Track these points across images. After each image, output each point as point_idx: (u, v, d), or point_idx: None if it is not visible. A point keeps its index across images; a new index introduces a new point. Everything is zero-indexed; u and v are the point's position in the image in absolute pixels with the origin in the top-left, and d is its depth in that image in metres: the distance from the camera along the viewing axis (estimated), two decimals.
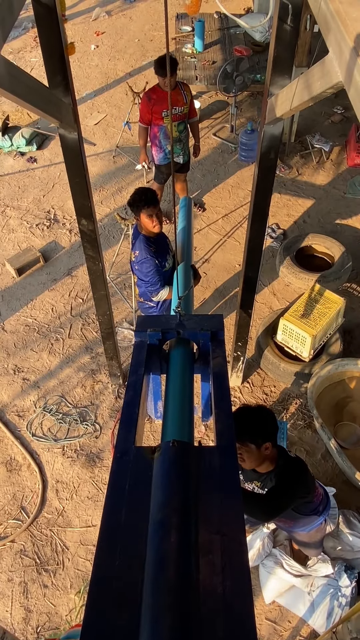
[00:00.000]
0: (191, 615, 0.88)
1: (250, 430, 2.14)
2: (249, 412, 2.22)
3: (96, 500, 3.45)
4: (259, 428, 2.17)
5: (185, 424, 1.37)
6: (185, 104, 4.32)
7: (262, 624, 2.95)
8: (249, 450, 2.16)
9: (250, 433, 2.14)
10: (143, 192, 3.08)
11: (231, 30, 6.65)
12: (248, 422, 2.15)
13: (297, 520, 2.52)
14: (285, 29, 2.02)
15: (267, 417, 2.22)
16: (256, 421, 2.17)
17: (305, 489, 2.36)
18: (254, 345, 4.14)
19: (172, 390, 1.51)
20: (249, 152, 5.62)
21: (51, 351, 4.27)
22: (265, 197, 2.67)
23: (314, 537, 2.75)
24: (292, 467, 2.30)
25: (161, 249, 3.23)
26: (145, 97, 4.29)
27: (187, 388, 1.54)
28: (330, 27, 1.20)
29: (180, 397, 1.47)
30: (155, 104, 4.21)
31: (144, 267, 3.15)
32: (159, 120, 4.28)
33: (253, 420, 2.17)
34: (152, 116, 4.28)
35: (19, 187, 5.74)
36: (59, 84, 2.14)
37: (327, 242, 4.62)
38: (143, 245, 3.13)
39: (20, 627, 3.00)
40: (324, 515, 2.60)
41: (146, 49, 7.63)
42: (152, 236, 3.18)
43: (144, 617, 0.88)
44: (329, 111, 6.38)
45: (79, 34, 8.01)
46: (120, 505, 1.09)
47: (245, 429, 2.13)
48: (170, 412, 1.41)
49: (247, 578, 0.96)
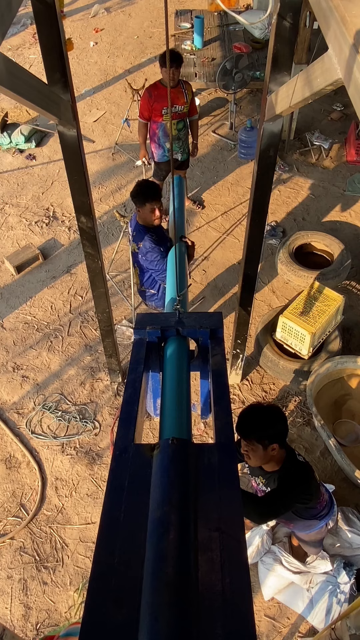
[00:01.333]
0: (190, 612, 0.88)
1: (258, 429, 2.09)
2: (260, 411, 2.15)
3: (95, 498, 3.46)
4: (267, 428, 2.10)
5: (183, 421, 1.37)
6: (186, 103, 4.31)
7: (261, 621, 2.96)
8: (255, 449, 2.12)
9: (257, 432, 2.09)
10: (148, 185, 3.12)
11: (230, 27, 6.64)
12: (257, 421, 2.10)
13: (296, 522, 2.50)
14: (284, 26, 2.01)
15: (277, 417, 2.14)
16: (265, 421, 2.11)
17: (306, 496, 2.29)
18: (253, 343, 4.14)
19: (169, 388, 1.51)
20: (248, 150, 5.61)
21: (50, 349, 4.27)
22: (265, 194, 2.67)
23: (313, 537, 2.75)
24: (296, 472, 2.24)
25: (161, 236, 3.28)
26: (146, 93, 4.28)
27: (185, 385, 1.54)
28: (330, 23, 1.20)
29: (177, 394, 1.47)
30: (155, 101, 4.20)
31: (150, 257, 3.20)
32: (158, 117, 4.28)
33: (262, 420, 2.11)
34: (152, 113, 4.27)
35: (18, 184, 5.73)
36: (57, 81, 2.14)
37: (327, 240, 4.61)
38: (146, 236, 3.19)
39: (19, 624, 3.00)
40: (326, 519, 2.55)
41: (145, 46, 7.61)
42: (151, 227, 3.24)
43: (143, 614, 0.88)
44: (328, 108, 6.37)
45: (78, 30, 7.99)
46: (120, 502, 1.09)
47: (253, 428, 2.09)
48: (167, 409, 1.41)
49: (246, 575, 0.96)
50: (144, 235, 3.20)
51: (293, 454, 2.29)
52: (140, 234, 3.23)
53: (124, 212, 5.01)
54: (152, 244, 3.17)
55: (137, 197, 3.11)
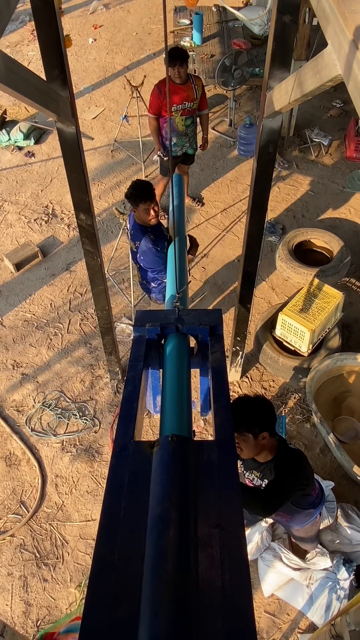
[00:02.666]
0: (190, 608, 0.89)
1: (246, 419, 2.15)
2: (247, 401, 2.23)
3: (95, 495, 3.46)
4: (256, 417, 2.16)
5: (183, 419, 1.37)
6: (195, 99, 4.29)
7: (261, 617, 2.96)
8: (246, 439, 2.17)
9: (246, 422, 2.14)
10: (141, 185, 3.11)
11: (230, 23, 6.61)
12: (245, 412, 2.15)
13: (294, 514, 2.53)
14: (284, 22, 2.01)
15: (264, 406, 2.21)
16: (253, 411, 2.17)
17: (304, 480, 2.36)
18: (252, 340, 4.14)
19: (169, 385, 1.51)
20: (247, 146, 5.60)
21: (50, 346, 4.27)
22: (264, 191, 2.66)
23: (309, 531, 2.78)
24: (291, 458, 2.29)
25: (159, 235, 3.28)
26: (156, 88, 4.27)
27: (185, 382, 1.54)
28: (329, 19, 1.19)
29: (177, 392, 1.47)
30: (165, 97, 4.18)
31: (148, 257, 3.21)
32: (166, 112, 4.27)
33: (250, 410, 2.17)
34: (162, 109, 4.26)
35: (17, 181, 5.72)
36: (56, 78, 2.13)
37: (326, 237, 4.61)
38: (143, 235, 3.19)
39: (20, 621, 3.01)
40: (319, 508, 2.61)
41: (144, 43, 7.59)
42: (149, 226, 3.23)
43: (143, 611, 0.89)
44: (327, 105, 6.35)
45: (77, 27, 7.96)
46: (120, 499, 1.10)
47: (242, 419, 2.13)
48: (167, 406, 1.41)
49: (246, 571, 0.97)
50: (141, 235, 3.20)
51: (284, 442, 2.35)
52: (138, 234, 3.23)
53: (123, 210, 4.99)
54: (148, 244, 3.17)
55: (131, 198, 3.11)
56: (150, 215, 3.13)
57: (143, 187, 3.10)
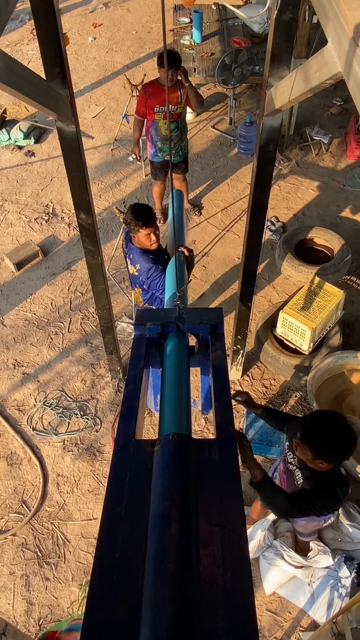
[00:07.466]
0: (192, 606, 0.89)
1: (322, 447, 1.98)
2: (334, 425, 1.98)
3: (97, 494, 3.47)
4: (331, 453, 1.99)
5: (183, 417, 1.37)
6: (180, 104, 4.23)
7: (262, 615, 2.97)
8: (305, 453, 2.04)
9: (315, 442, 1.98)
10: (140, 211, 2.98)
11: (229, 21, 6.60)
12: (323, 434, 1.97)
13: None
14: (283, 20, 2.00)
15: (345, 441, 1.96)
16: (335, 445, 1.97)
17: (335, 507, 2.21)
18: (253, 339, 4.14)
19: (169, 384, 1.51)
20: (247, 145, 5.60)
21: (51, 345, 4.27)
22: (265, 189, 2.66)
23: (312, 528, 2.78)
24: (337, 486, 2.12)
25: (158, 254, 3.19)
26: (142, 89, 4.27)
27: (184, 381, 1.54)
28: (329, 17, 1.19)
29: (177, 390, 1.47)
30: (149, 98, 4.18)
31: (149, 279, 3.09)
32: (152, 114, 4.26)
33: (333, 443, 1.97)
34: (147, 110, 4.26)
35: (17, 181, 5.72)
36: (56, 77, 2.13)
37: (327, 235, 4.61)
38: (142, 258, 3.09)
39: (22, 620, 3.02)
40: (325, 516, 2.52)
41: (144, 41, 7.57)
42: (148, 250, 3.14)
43: (145, 609, 0.89)
44: (328, 103, 6.34)
45: (76, 26, 7.95)
46: (121, 498, 1.10)
47: (319, 444, 1.97)
48: (167, 405, 1.41)
49: (247, 569, 0.97)
50: (140, 258, 3.09)
51: (338, 467, 2.20)
52: (136, 257, 3.12)
53: (123, 209, 4.99)
54: (149, 265, 3.06)
55: (131, 224, 2.98)
56: (152, 240, 3.01)
57: (143, 213, 2.95)
